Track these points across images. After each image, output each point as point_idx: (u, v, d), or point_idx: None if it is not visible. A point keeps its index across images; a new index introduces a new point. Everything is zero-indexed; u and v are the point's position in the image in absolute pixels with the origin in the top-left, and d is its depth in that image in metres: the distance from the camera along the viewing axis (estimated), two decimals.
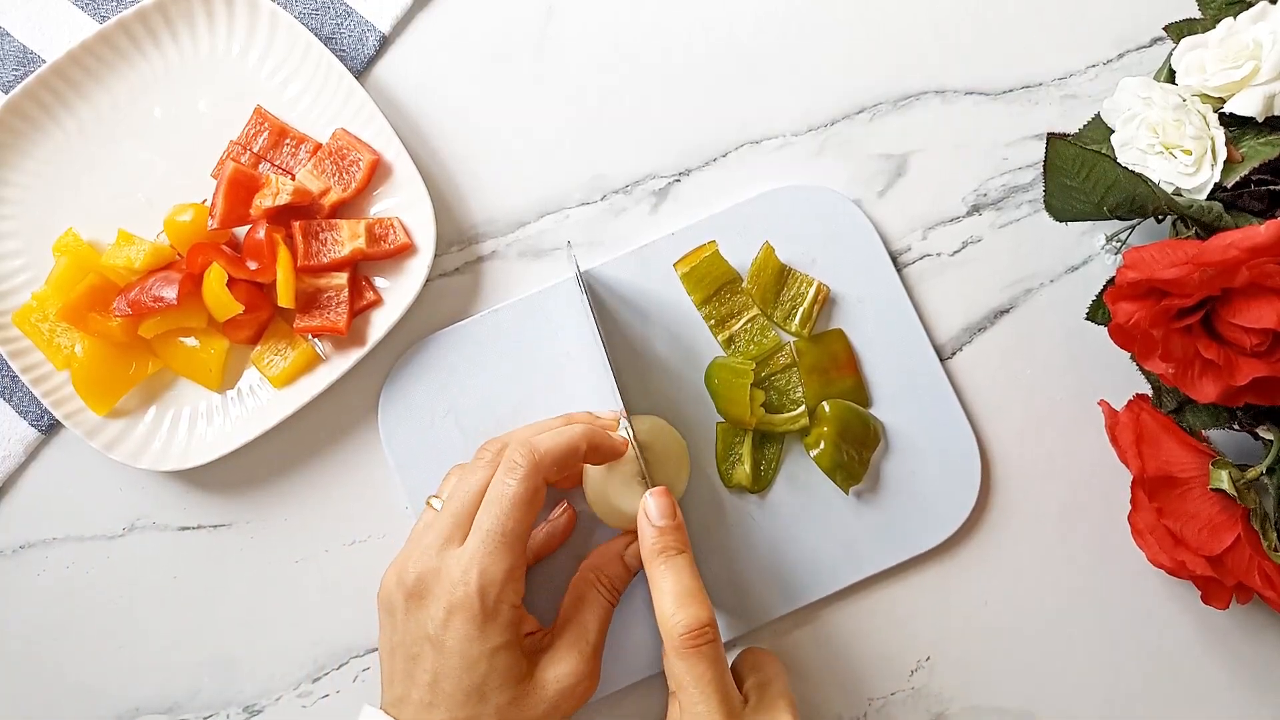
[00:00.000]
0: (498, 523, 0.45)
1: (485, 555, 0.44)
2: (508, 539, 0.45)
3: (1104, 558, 0.54)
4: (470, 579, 0.44)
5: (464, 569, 0.44)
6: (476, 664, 0.44)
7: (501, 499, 0.45)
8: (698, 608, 0.44)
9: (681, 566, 0.46)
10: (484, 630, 0.44)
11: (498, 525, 0.45)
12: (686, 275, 0.54)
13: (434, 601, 0.45)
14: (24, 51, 0.57)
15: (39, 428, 0.55)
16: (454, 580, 0.44)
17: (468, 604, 0.44)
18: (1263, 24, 0.46)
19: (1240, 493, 0.46)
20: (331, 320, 0.52)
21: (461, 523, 0.46)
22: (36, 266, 0.55)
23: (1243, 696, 0.53)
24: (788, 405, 0.54)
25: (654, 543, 0.46)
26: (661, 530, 0.46)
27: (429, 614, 0.45)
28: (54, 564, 0.55)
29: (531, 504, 0.45)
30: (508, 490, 0.45)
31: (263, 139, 0.54)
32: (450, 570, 0.45)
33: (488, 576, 0.44)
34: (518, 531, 0.45)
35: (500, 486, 0.46)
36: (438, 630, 0.44)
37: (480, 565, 0.44)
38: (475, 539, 0.45)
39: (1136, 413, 0.49)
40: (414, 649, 0.45)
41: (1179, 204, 0.45)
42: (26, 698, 0.55)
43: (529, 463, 0.46)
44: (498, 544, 0.44)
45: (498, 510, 0.45)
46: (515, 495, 0.45)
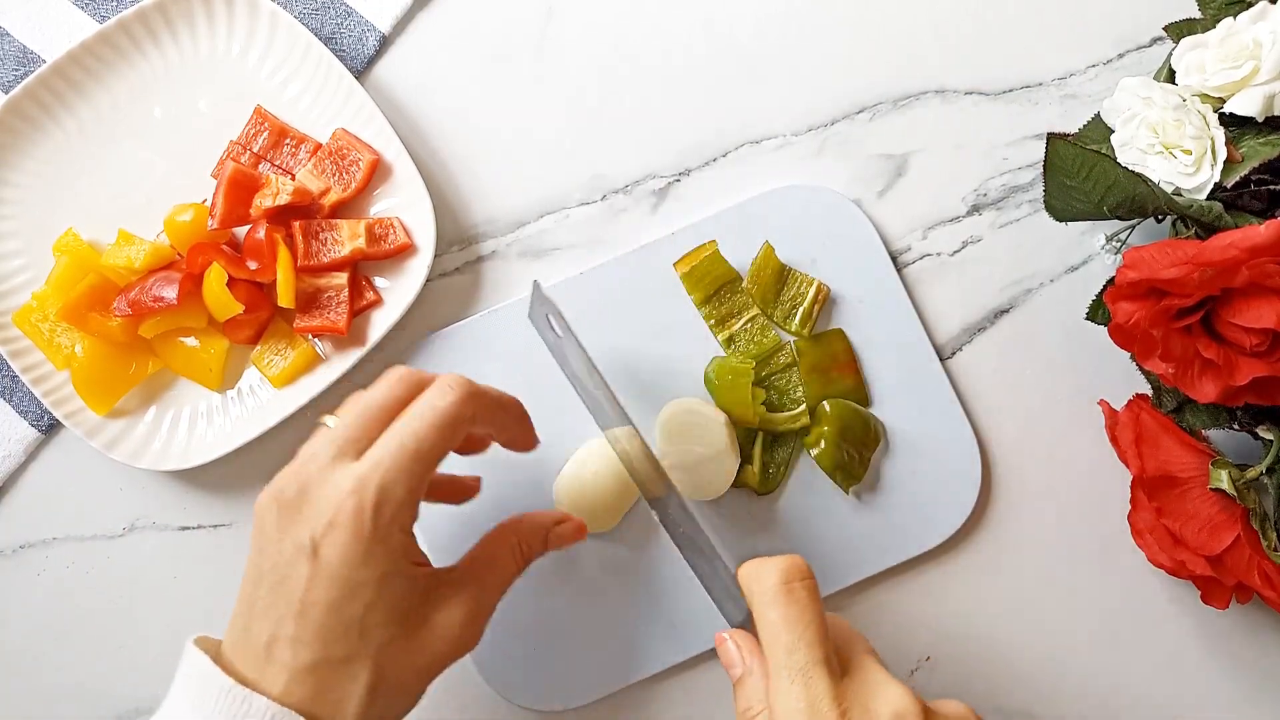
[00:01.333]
0: (414, 438, 0.39)
1: (391, 469, 0.39)
2: (420, 458, 0.39)
3: (1104, 558, 0.54)
4: (366, 492, 0.38)
5: (360, 480, 0.38)
6: (359, 591, 0.38)
7: (425, 415, 0.40)
8: (791, 559, 0.39)
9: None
10: (370, 552, 0.38)
11: (413, 441, 0.39)
12: (686, 275, 0.54)
13: (315, 515, 0.38)
14: (24, 51, 0.57)
15: (39, 428, 0.55)
16: (344, 491, 0.38)
17: (357, 518, 0.38)
18: (1263, 24, 0.46)
19: (1240, 493, 0.46)
20: (331, 320, 0.52)
21: (357, 437, 0.40)
22: (36, 266, 0.55)
23: (1243, 696, 0.53)
24: (788, 405, 0.54)
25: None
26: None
27: (308, 528, 0.38)
28: (54, 564, 0.55)
29: (455, 431, 0.40)
30: (435, 407, 0.40)
31: (263, 139, 0.54)
32: (340, 481, 0.39)
33: (387, 492, 0.38)
34: (432, 455, 0.40)
35: (425, 402, 0.40)
36: (315, 548, 0.38)
37: (382, 477, 0.38)
38: (383, 450, 0.39)
39: (1136, 413, 0.49)
40: (284, 571, 0.38)
41: (1179, 204, 0.45)
42: (26, 698, 0.55)
43: (462, 388, 0.41)
44: (409, 460, 0.39)
45: (418, 425, 0.40)
46: (444, 413, 0.40)
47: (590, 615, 0.53)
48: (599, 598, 0.53)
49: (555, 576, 0.53)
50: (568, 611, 0.53)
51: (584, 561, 0.53)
